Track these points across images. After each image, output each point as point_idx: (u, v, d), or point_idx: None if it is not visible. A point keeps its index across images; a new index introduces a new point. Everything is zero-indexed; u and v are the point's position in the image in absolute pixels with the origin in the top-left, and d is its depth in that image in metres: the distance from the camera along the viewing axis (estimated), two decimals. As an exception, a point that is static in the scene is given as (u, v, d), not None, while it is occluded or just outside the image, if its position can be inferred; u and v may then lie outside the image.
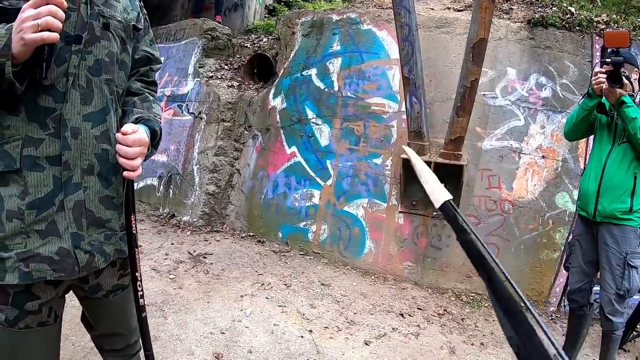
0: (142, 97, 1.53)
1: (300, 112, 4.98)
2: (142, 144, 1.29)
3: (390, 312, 3.48)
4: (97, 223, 1.32)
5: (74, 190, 1.25)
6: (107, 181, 1.34)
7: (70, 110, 1.23)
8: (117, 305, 1.51)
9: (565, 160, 3.80)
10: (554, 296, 3.65)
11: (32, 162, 1.18)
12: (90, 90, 1.27)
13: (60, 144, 1.21)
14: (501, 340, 3.17)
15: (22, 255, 1.18)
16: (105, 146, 1.31)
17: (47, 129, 1.19)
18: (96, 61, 1.29)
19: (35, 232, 1.20)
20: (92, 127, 1.27)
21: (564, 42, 3.90)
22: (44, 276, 1.21)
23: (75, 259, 1.26)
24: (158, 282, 3.66)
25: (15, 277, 1.18)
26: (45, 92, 1.19)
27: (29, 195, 1.18)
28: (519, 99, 3.99)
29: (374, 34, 4.59)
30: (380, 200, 4.39)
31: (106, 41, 1.32)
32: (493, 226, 3.90)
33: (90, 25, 1.26)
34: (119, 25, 1.36)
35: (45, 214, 1.21)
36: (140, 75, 1.56)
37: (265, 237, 4.98)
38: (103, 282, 1.44)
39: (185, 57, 5.97)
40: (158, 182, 5.81)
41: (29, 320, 1.27)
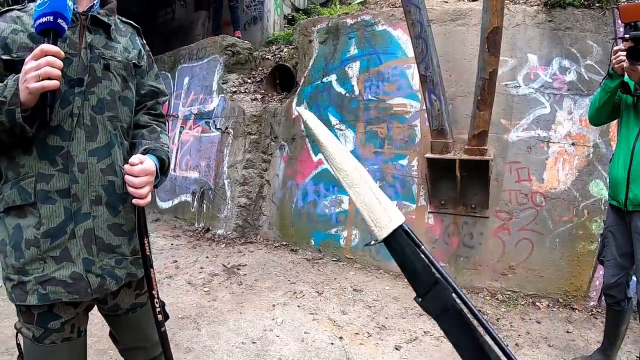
0: (149, 129, 1.63)
1: (324, 119, 5.00)
2: (148, 173, 1.39)
3: (422, 315, 3.42)
4: (107, 249, 1.43)
5: (84, 219, 1.37)
6: (114, 210, 1.44)
7: (77, 147, 1.35)
8: (136, 321, 1.62)
9: (597, 145, 3.60)
10: (594, 290, 3.46)
11: (45, 196, 1.32)
12: (94, 127, 1.39)
13: (68, 178, 1.34)
14: (537, 340, 3.05)
15: (40, 279, 1.32)
16: (111, 178, 1.43)
17: (57, 165, 1.33)
18: (99, 100, 1.41)
19: (51, 258, 1.33)
20: (97, 162, 1.39)
21: (584, 21, 3.71)
22: (60, 298, 1.34)
23: (88, 282, 1.37)
24: (193, 295, 3.78)
25: (35, 298, 1.32)
26: (53, 132, 1.32)
27: (44, 225, 1.32)
28: (543, 86, 3.83)
29: (390, 34, 4.55)
30: (409, 202, 4.33)
31: (107, 81, 1.43)
32: (525, 220, 3.75)
33: (91, 68, 1.39)
34: (119, 65, 1.47)
35: (59, 242, 1.34)
36: (148, 108, 1.68)
37: (297, 245, 5.03)
38: (121, 302, 1.56)
39: (209, 75, 6.14)
40: (192, 198, 6.00)
41: (54, 337, 1.39)
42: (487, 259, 3.87)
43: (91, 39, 1.40)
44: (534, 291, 3.68)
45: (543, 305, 3.56)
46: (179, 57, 6.95)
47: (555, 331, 3.18)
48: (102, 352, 2.78)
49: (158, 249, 5.05)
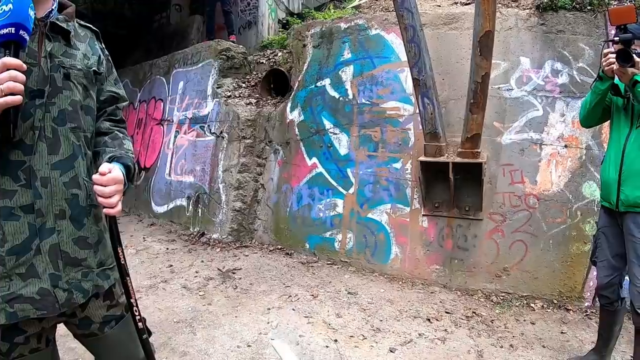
0: (112, 136, 1.59)
1: (318, 123, 5.02)
2: (117, 181, 1.36)
3: (417, 318, 3.43)
4: (73, 263, 1.40)
5: (49, 234, 1.34)
6: (79, 223, 1.41)
7: (39, 161, 1.31)
8: (116, 338, 1.58)
9: (589, 147, 3.63)
10: (588, 291, 3.47)
11: (8, 213, 1.28)
12: (56, 139, 1.35)
13: (32, 194, 1.30)
14: (532, 341, 3.06)
15: (7, 297, 1.28)
16: (74, 191, 1.40)
17: (19, 181, 1.29)
18: (60, 111, 1.36)
19: (17, 275, 1.30)
20: (60, 175, 1.36)
21: (576, 24, 3.74)
22: (28, 315, 1.31)
23: (55, 297, 1.35)
24: (188, 299, 3.77)
25: (2, 317, 1.28)
26: (15, 147, 1.28)
27: (8, 243, 1.28)
28: (536, 89, 3.86)
29: (383, 38, 4.58)
30: (403, 205, 4.34)
31: (68, 91, 1.39)
32: (519, 222, 3.77)
33: (51, 78, 1.34)
34: (79, 73, 1.43)
35: (24, 259, 1.30)
36: (108, 115, 1.63)
37: (292, 249, 5.02)
38: (91, 315, 1.51)
39: (203, 79, 6.15)
40: (187, 202, 5.99)
41: (21, 349, 1.37)
42: (482, 261, 3.88)
43: (51, 47, 1.36)
44: (528, 293, 3.69)
45: (537, 306, 3.58)
46: (173, 62, 6.95)
47: (549, 332, 3.19)
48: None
49: (153, 254, 5.04)
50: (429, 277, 4.09)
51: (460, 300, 3.74)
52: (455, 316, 3.44)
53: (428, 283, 4.06)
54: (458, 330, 3.22)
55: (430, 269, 4.11)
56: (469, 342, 3.05)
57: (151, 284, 4.04)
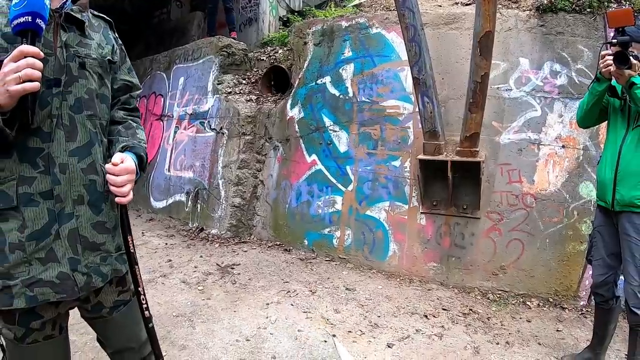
0: (125, 125, 1.63)
1: (318, 120, 5.05)
2: (129, 172, 1.41)
3: (415, 314, 3.46)
4: (92, 247, 1.44)
5: (68, 219, 1.37)
6: (97, 208, 1.45)
7: (57, 148, 1.35)
8: (122, 320, 1.63)
9: (587, 148, 3.67)
10: (584, 290, 3.52)
11: (27, 199, 1.32)
12: (73, 127, 1.39)
13: (50, 180, 1.34)
14: (528, 338, 3.10)
15: (27, 282, 1.32)
16: (92, 177, 1.44)
17: (38, 168, 1.32)
18: (77, 100, 1.40)
19: (37, 260, 1.33)
20: (78, 162, 1.40)
21: (575, 26, 3.78)
22: (48, 298, 1.35)
23: (74, 281, 1.39)
24: (187, 294, 3.79)
25: (23, 301, 1.32)
26: (33, 134, 1.31)
27: (28, 228, 1.31)
28: (534, 89, 3.90)
29: (384, 37, 4.61)
30: (402, 203, 4.38)
31: (84, 79, 1.42)
32: (516, 221, 3.81)
33: (67, 67, 1.38)
34: (94, 62, 1.46)
35: (44, 244, 1.34)
36: (122, 103, 1.67)
37: (291, 245, 5.05)
38: (103, 300, 1.56)
39: (204, 75, 6.17)
40: (186, 197, 6.01)
41: (35, 335, 1.40)
42: (479, 259, 3.92)
43: (66, 38, 1.39)
44: (524, 291, 3.74)
45: (533, 304, 3.62)
46: (174, 58, 6.96)
47: (545, 330, 3.24)
48: (98, 349, 2.77)
49: (152, 248, 5.06)
50: (426, 275, 4.13)
51: (457, 297, 3.78)
52: (452, 313, 3.48)
53: (425, 280, 4.10)
54: (455, 327, 3.26)
55: (427, 266, 4.15)
56: (466, 339, 3.09)
57: (150, 279, 4.06)
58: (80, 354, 2.76)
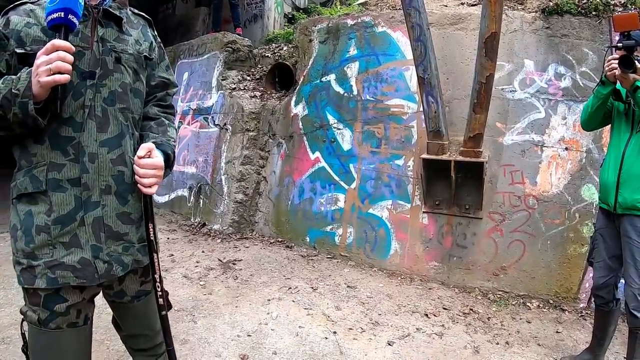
0: (158, 122, 1.67)
1: (322, 117, 5.06)
2: (156, 167, 1.46)
3: (415, 313, 3.48)
4: (115, 236, 1.47)
5: (93, 208, 1.42)
6: (123, 199, 1.49)
7: (87, 138, 1.40)
8: (141, 309, 1.67)
9: (590, 150, 3.68)
10: (584, 292, 3.53)
11: (56, 184, 1.37)
12: (106, 118, 1.44)
13: (79, 168, 1.39)
14: (527, 339, 3.11)
15: (49, 264, 1.37)
16: (121, 168, 1.47)
17: (68, 155, 1.38)
18: (110, 92, 1.44)
19: (60, 243, 1.38)
20: (108, 152, 1.44)
21: (580, 29, 3.78)
22: (68, 282, 1.39)
23: (95, 268, 1.42)
24: (189, 288, 3.81)
25: (44, 282, 1.37)
26: (65, 124, 1.37)
27: (54, 212, 1.37)
28: (539, 91, 3.91)
29: (389, 36, 4.61)
30: (404, 201, 4.39)
31: (119, 74, 1.47)
32: (518, 222, 3.83)
33: (103, 61, 1.43)
34: (130, 57, 1.51)
35: (69, 228, 1.39)
36: (158, 100, 1.72)
37: (293, 242, 5.07)
38: (126, 289, 1.61)
39: (209, 71, 6.17)
40: (189, 193, 6.03)
41: (60, 321, 1.43)
42: (480, 259, 3.94)
43: (103, 33, 1.43)
44: (524, 292, 3.75)
45: (533, 305, 3.64)
46: (178, 53, 6.97)
47: (545, 331, 3.25)
48: (99, 342, 2.80)
49: (154, 243, 5.08)
50: (427, 274, 4.15)
51: (458, 297, 3.80)
52: (452, 312, 3.50)
53: (426, 279, 4.12)
54: (455, 326, 3.28)
55: (429, 265, 4.16)
56: (466, 338, 3.11)
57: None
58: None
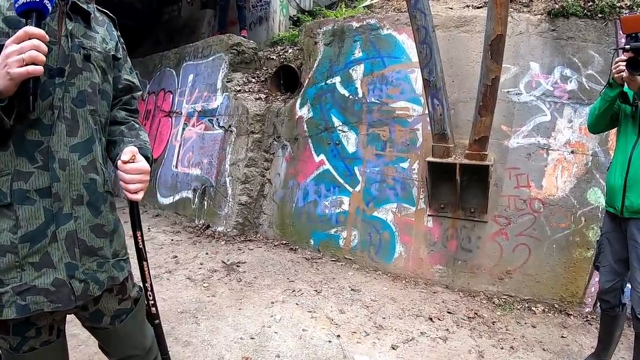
0: (128, 126, 1.55)
1: (327, 120, 5.05)
2: (142, 171, 1.35)
3: (420, 317, 3.46)
4: (89, 252, 1.34)
5: (66, 220, 1.27)
6: (96, 210, 1.36)
7: (57, 142, 1.25)
8: (124, 330, 1.53)
9: (596, 154, 3.66)
10: (589, 297, 3.50)
11: (22, 196, 1.20)
12: (75, 121, 1.30)
13: (49, 176, 1.23)
14: (532, 344, 3.09)
15: (18, 289, 1.20)
16: (92, 176, 1.34)
17: (36, 162, 1.22)
18: (79, 92, 1.31)
19: (30, 264, 1.22)
20: (79, 158, 1.30)
21: (586, 32, 3.76)
22: (41, 308, 1.23)
23: (71, 288, 1.28)
24: (192, 290, 3.81)
25: (13, 311, 1.20)
26: (32, 126, 1.21)
27: (21, 229, 1.20)
28: (544, 94, 3.88)
29: (395, 38, 4.61)
30: (409, 204, 4.37)
31: (88, 72, 1.34)
32: (523, 226, 3.80)
33: (71, 58, 1.29)
34: (99, 56, 1.39)
35: (39, 246, 1.22)
36: (124, 103, 1.59)
37: (297, 244, 5.06)
38: (103, 308, 1.46)
39: (214, 73, 6.19)
40: (193, 194, 6.04)
41: (32, 342, 1.32)
42: (485, 263, 3.92)
43: (71, 27, 1.31)
44: (530, 296, 3.72)
45: (539, 310, 3.61)
46: (184, 55, 6.99)
47: (550, 336, 3.23)
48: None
49: (158, 244, 5.09)
50: (432, 277, 4.13)
51: (463, 301, 3.77)
52: (457, 316, 3.48)
53: (431, 283, 4.10)
54: (459, 330, 3.26)
55: (433, 269, 4.14)
56: (470, 342, 3.09)
57: (155, 274, 4.08)
58: (83, 347, 2.78)
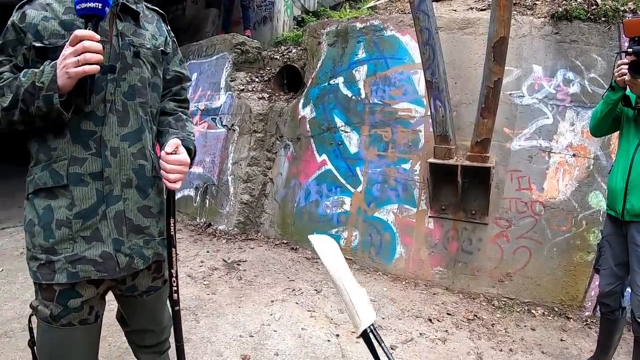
0: (176, 117, 1.68)
1: (329, 120, 5.06)
2: (182, 163, 1.48)
3: (419, 318, 3.46)
4: (136, 230, 1.48)
5: (115, 201, 1.42)
6: (144, 193, 1.50)
7: (109, 132, 1.40)
8: (150, 304, 1.67)
9: (597, 157, 3.65)
10: (589, 300, 3.49)
11: (77, 179, 1.37)
12: (126, 113, 1.44)
13: (101, 162, 1.39)
14: (531, 347, 3.08)
15: (70, 258, 1.37)
16: (141, 162, 1.49)
17: (90, 149, 1.38)
18: (130, 87, 1.45)
19: (82, 237, 1.38)
20: (129, 146, 1.45)
21: (590, 35, 3.76)
22: (89, 275, 1.39)
23: (116, 261, 1.43)
24: (193, 288, 3.82)
25: (64, 277, 1.36)
26: (86, 118, 1.37)
27: (76, 207, 1.37)
28: (547, 97, 3.88)
29: (398, 40, 4.61)
30: (410, 206, 4.38)
31: (138, 68, 1.48)
32: (524, 229, 3.80)
33: (122, 55, 1.43)
34: (148, 52, 1.52)
35: (90, 222, 1.39)
36: (173, 94, 1.72)
37: (298, 244, 5.07)
38: (138, 284, 1.60)
39: (217, 72, 6.21)
40: (195, 192, 6.05)
41: (71, 317, 1.42)
42: (485, 265, 3.91)
43: (122, 27, 1.44)
44: (529, 299, 3.72)
45: (538, 313, 3.60)
46: (187, 53, 7.01)
47: (549, 339, 3.22)
48: (101, 339, 2.79)
49: (160, 242, 5.10)
50: (432, 279, 4.13)
51: (462, 302, 3.77)
52: (456, 318, 3.48)
53: (431, 284, 4.10)
54: (459, 332, 3.26)
55: (433, 270, 4.14)
56: (469, 344, 3.09)
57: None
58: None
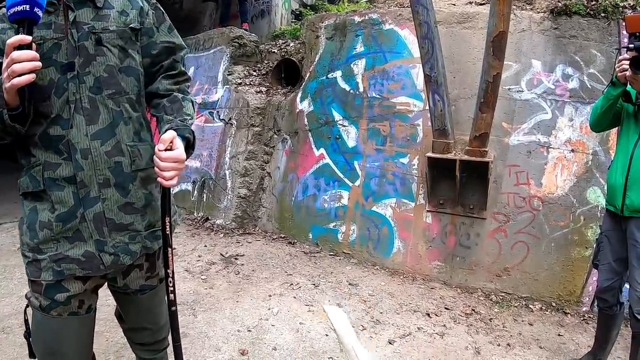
0: (170, 99, 1.53)
1: (327, 114, 5.04)
2: (176, 160, 1.34)
3: (417, 312, 3.47)
4: (119, 228, 1.45)
5: (93, 203, 1.39)
6: (124, 190, 1.45)
7: (77, 134, 1.35)
8: (145, 302, 1.66)
9: (596, 153, 3.65)
10: (587, 296, 3.50)
11: (52, 183, 1.36)
12: (95, 109, 1.37)
13: (72, 166, 1.36)
14: (529, 341, 3.09)
15: (54, 257, 1.38)
16: (117, 159, 1.42)
17: (62, 154, 1.35)
18: (96, 79, 1.36)
19: (64, 238, 1.39)
20: (101, 145, 1.38)
21: (589, 30, 3.75)
22: (74, 273, 1.40)
23: (100, 260, 1.42)
24: (190, 282, 3.82)
25: (50, 274, 1.38)
26: (53, 123, 1.34)
27: (56, 210, 1.37)
28: (546, 92, 3.87)
29: (397, 34, 4.59)
30: (408, 200, 4.37)
31: (102, 57, 1.37)
32: (522, 224, 3.80)
33: (81, 47, 1.33)
34: (112, 35, 1.39)
35: (70, 225, 1.38)
36: (166, 69, 1.56)
37: (296, 238, 5.06)
38: (130, 283, 1.58)
39: (214, 66, 6.17)
40: (192, 187, 6.03)
41: (60, 309, 1.43)
42: (483, 260, 3.92)
43: (76, 16, 1.33)
44: (527, 294, 3.73)
45: (536, 308, 3.61)
46: (185, 47, 6.96)
47: (546, 333, 3.23)
48: (99, 334, 2.78)
49: (157, 236, 5.09)
50: (430, 273, 4.13)
51: (460, 297, 3.78)
52: (454, 312, 3.48)
53: (429, 279, 4.10)
54: (456, 327, 3.26)
55: (431, 264, 4.15)
56: (467, 339, 3.09)
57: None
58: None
